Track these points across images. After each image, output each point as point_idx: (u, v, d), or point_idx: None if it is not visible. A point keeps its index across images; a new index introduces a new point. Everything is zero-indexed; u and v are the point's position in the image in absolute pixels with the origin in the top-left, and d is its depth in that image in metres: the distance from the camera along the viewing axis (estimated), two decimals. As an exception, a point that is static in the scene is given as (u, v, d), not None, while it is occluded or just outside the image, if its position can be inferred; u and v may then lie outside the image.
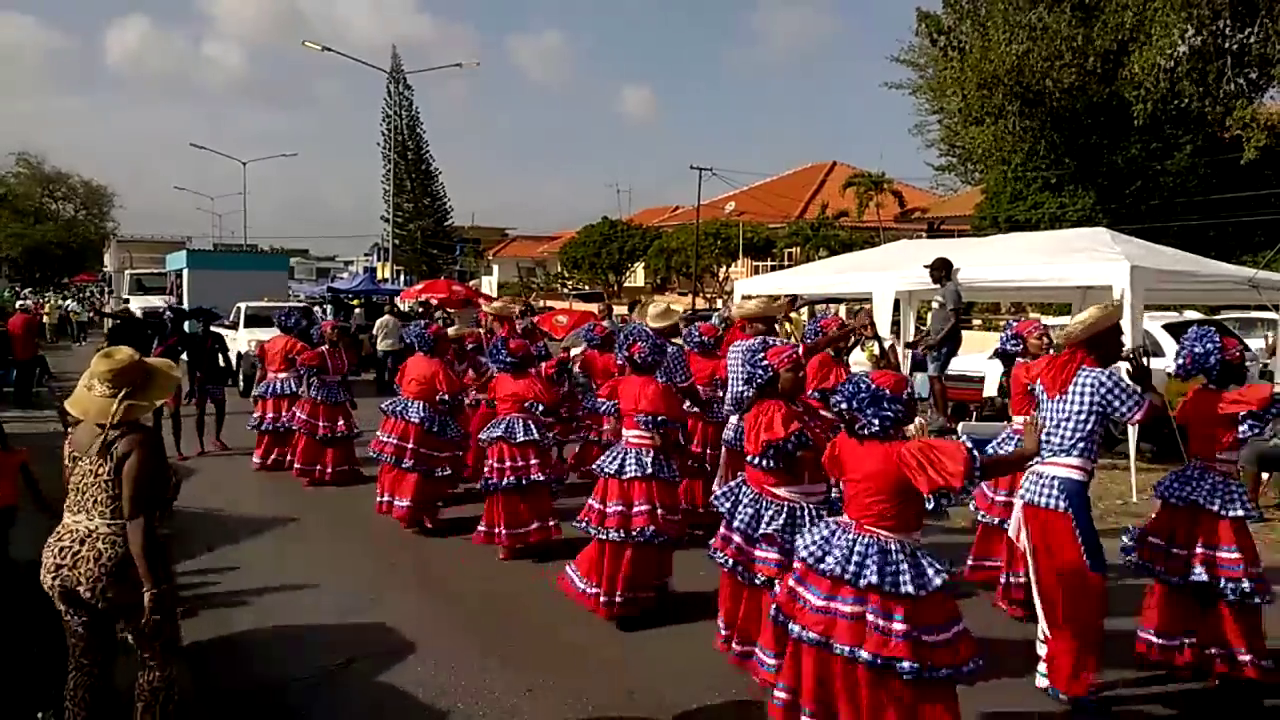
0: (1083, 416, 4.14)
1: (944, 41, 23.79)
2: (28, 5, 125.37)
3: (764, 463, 4.12)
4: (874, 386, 3.51)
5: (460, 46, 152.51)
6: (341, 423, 9.06)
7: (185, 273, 20.52)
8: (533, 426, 6.52)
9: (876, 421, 3.48)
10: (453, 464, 7.70)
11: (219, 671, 4.67)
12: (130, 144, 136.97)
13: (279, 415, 9.54)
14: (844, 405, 3.56)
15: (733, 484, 4.53)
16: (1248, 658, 4.31)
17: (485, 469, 6.59)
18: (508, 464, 6.42)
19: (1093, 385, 4.13)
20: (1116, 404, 4.08)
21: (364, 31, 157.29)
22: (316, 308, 21.59)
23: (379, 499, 7.47)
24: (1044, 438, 4.26)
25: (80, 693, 3.36)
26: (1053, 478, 4.16)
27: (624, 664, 4.77)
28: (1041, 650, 4.29)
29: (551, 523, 6.58)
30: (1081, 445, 4.15)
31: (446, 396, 7.39)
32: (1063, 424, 4.21)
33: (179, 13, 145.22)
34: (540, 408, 6.60)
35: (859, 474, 3.52)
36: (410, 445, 7.26)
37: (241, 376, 15.22)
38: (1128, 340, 4.76)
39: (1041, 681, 4.25)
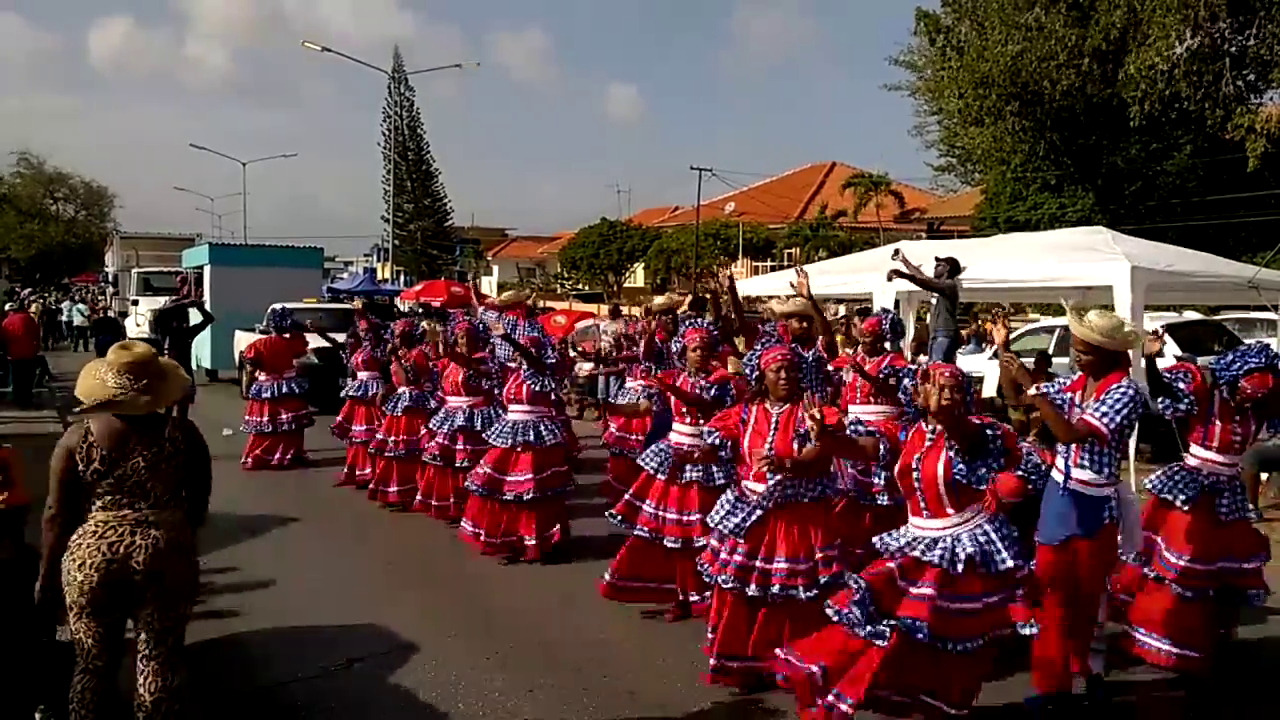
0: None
1: (942, 41, 23.77)
2: (21, 4, 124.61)
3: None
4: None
5: (450, 46, 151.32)
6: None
7: (207, 270, 18.13)
8: (545, 430, 6.35)
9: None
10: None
11: (219, 671, 4.67)
12: (126, 145, 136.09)
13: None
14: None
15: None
16: None
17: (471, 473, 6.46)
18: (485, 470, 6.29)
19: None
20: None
21: (353, 30, 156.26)
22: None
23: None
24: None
25: (88, 694, 3.35)
26: None
27: (624, 664, 4.77)
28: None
29: (530, 540, 6.34)
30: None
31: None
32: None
33: (164, 11, 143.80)
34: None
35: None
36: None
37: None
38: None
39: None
